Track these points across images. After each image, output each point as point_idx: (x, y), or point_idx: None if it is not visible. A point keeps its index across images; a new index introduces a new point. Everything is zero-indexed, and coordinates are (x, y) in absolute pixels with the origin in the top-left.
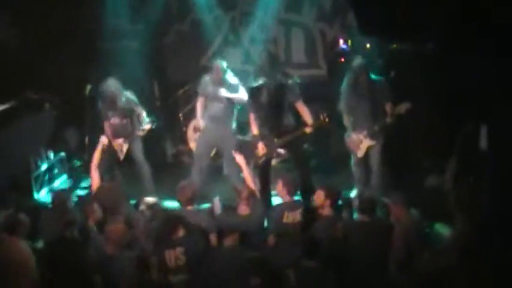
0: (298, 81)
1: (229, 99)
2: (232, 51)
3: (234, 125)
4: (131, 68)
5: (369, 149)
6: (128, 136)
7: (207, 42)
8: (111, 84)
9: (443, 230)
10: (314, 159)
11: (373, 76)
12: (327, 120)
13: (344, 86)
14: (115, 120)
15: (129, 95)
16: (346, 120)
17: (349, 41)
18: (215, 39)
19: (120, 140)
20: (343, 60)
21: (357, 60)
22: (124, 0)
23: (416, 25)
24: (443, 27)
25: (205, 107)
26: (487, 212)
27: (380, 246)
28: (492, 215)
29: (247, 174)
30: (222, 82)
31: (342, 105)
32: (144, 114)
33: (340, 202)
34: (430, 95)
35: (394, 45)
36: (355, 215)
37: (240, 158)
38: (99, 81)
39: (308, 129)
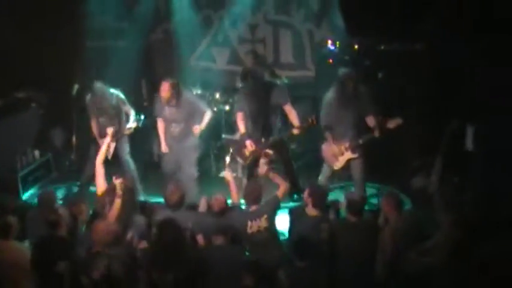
0: (286, 81)
1: (189, 120)
2: (220, 51)
3: (196, 141)
4: (119, 67)
5: (349, 161)
6: (116, 135)
7: (195, 41)
8: (98, 89)
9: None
10: (302, 159)
11: (359, 86)
12: (314, 122)
13: (330, 95)
14: (103, 120)
15: (118, 93)
16: (327, 131)
17: (337, 42)
18: (203, 39)
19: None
20: (331, 61)
21: (344, 69)
22: None
23: (404, 25)
24: (431, 27)
25: (165, 128)
26: (472, 212)
27: (367, 246)
28: (477, 215)
29: (233, 187)
30: (177, 103)
31: (325, 115)
32: (132, 113)
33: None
34: (417, 95)
35: (382, 46)
36: (342, 215)
37: (227, 174)
38: (86, 80)
39: (296, 131)
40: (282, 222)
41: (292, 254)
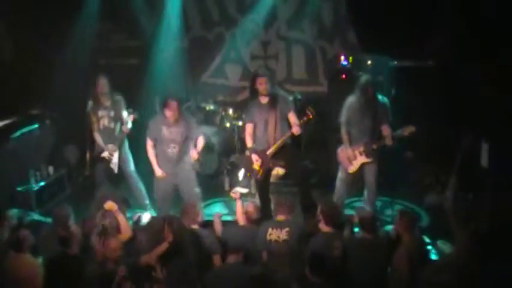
0: (299, 97)
1: (186, 140)
2: (233, 68)
3: (191, 161)
4: (133, 84)
5: (363, 165)
6: (116, 141)
7: (208, 58)
8: (102, 80)
9: (444, 247)
10: (315, 175)
11: (378, 95)
12: (313, 113)
13: (350, 99)
14: (104, 122)
15: (118, 96)
16: (344, 134)
17: (350, 58)
18: (216, 56)
19: (110, 146)
20: (344, 77)
21: (365, 76)
22: (125, 17)
23: (417, 42)
24: (444, 43)
25: (158, 150)
26: (486, 229)
27: (381, 264)
28: (491, 231)
29: (239, 205)
30: (177, 122)
31: (343, 118)
32: (126, 116)
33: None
34: (430, 111)
35: (395, 62)
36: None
37: (235, 194)
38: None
39: (295, 130)
40: None
41: (306, 269)
